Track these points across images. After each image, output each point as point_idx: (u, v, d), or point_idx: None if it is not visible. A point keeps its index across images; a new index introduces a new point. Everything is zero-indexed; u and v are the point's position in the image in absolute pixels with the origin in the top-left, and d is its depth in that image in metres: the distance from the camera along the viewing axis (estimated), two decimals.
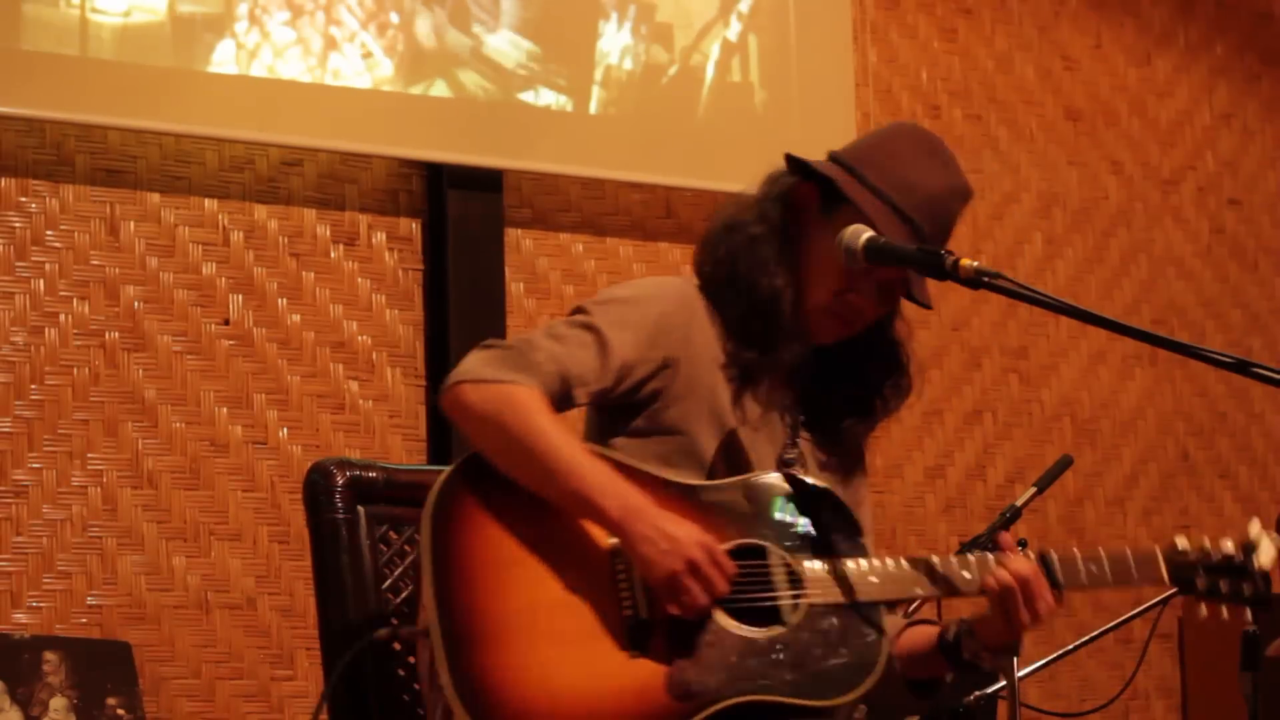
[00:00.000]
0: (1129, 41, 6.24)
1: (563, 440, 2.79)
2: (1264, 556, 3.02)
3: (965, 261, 2.85)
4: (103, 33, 4.64)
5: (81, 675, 4.36)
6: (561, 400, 2.88)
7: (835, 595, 2.87)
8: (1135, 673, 4.09)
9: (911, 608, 3.26)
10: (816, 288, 3.02)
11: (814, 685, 2.82)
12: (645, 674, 2.75)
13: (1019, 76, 6.04)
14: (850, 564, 2.90)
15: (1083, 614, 5.67)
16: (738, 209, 3.09)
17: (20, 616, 4.51)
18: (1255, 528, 3.04)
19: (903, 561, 2.93)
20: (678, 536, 2.74)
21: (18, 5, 4.56)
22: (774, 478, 2.96)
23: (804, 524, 2.92)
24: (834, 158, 3.09)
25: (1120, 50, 6.22)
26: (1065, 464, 3.50)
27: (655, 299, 3.00)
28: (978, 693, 3.57)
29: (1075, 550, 3.00)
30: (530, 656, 2.71)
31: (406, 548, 3.09)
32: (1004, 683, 3.40)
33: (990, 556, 2.96)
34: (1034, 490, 3.37)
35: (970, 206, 3.15)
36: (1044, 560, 2.98)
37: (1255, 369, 2.72)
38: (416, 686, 3.03)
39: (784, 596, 2.85)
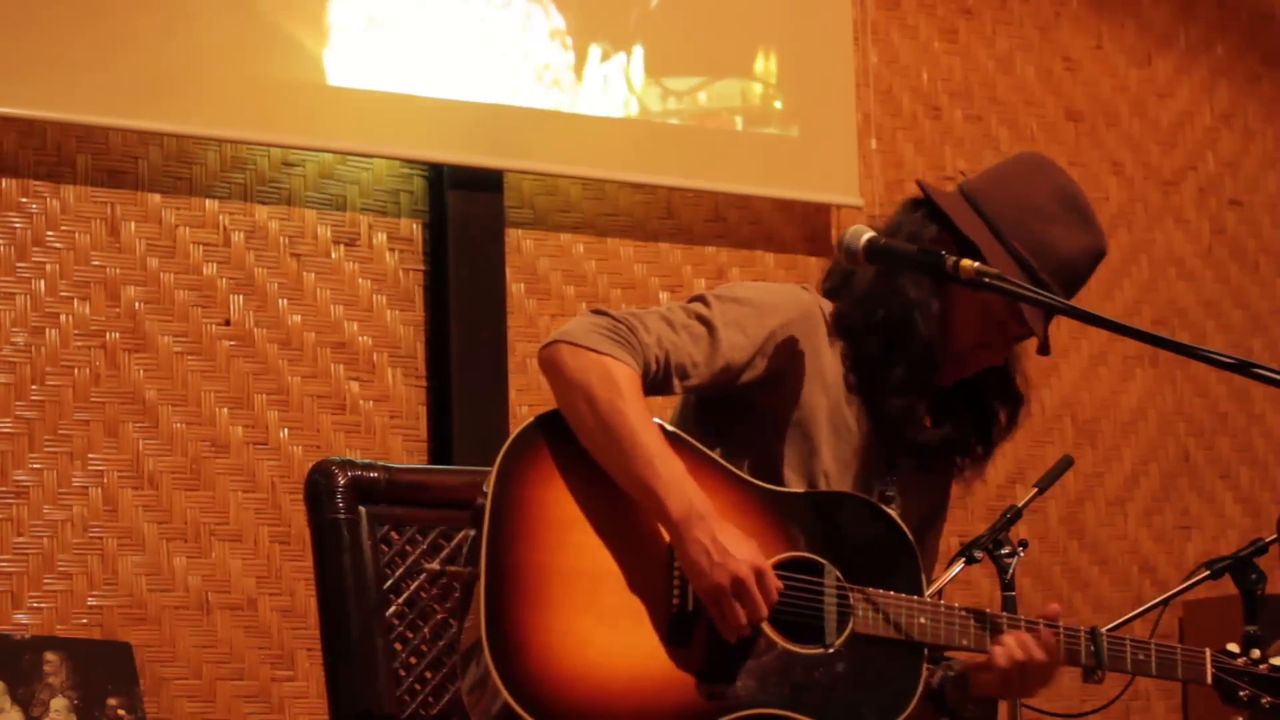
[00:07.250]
0: (1130, 42, 6.23)
1: (643, 428, 2.77)
2: None
3: (966, 263, 2.86)
4: (103, 33, 4.64)
5: (82, 676, 4.36)
6: (657, 385, 2.87)
7: (881, 628, 2.86)
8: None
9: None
10: (959, 335, 3.03)
11: (841, 714, 2.80)
12: (680, 665, 2.74)
13: (1020, 77, 6.04)
14: (904, 600, 2.88)
15: (1083, 615, 5.67)
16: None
17: (21, 617, 4.51)
18: None
19: (955, 607, 2.92)
20: (731, 552, 2.72)
21: (19, 6, 4.55)
22: (850, 498, 2.96)
23: (868, 549, 2.90)
24: (970, 197, 3.06)
25: (1121, 51, 6.22)
26: (1066, 464, 3.48)
27: (777, 309, 2.97)
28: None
29: (1126, 639, 3.02)
30: (569, 622, 2.70)
31: (408, 548, 3.09)
32: None
33: (1023, 624, 2.95)
34: (1035, 491, 3.36)
35: None
36: (1093, 639, 2.99)
37: (1256, 370, 2.72)
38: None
39: (831, 618, 2.84)
